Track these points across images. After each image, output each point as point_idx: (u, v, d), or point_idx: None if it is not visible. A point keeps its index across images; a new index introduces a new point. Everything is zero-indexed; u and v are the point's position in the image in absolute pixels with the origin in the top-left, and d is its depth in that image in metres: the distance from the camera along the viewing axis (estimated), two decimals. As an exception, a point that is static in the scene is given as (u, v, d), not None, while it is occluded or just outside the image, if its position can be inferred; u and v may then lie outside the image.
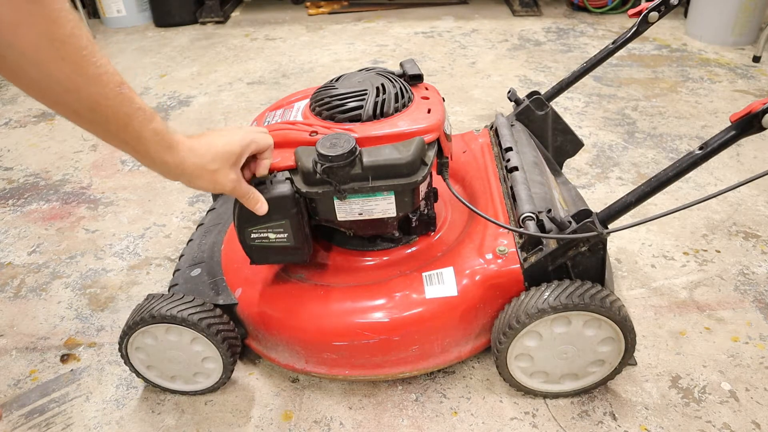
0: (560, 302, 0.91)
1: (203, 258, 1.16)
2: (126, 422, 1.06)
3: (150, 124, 0.67)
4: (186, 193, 1.72)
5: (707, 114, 2.08)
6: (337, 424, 1.04)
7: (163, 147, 0.70)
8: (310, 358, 1.04)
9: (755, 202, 1.60)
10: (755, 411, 1.04)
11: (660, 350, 1.16)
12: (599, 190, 1.67)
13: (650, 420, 1.03)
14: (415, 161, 0.90)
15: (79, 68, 0.59)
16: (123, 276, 1.41)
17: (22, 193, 1.77)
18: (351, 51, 2.80)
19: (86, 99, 0.61)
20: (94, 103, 0.62)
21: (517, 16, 3.20)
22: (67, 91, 0.60)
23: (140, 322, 0.98)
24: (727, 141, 0.81)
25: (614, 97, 2.23)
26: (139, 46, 3.00)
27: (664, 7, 1.23)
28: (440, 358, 1.05)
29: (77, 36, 0.58)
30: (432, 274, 1.01)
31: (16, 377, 1.16)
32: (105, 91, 0.62)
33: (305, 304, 1.02)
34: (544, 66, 2.54)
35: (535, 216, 1.00)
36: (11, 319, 1.30)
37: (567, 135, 1.40)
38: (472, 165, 1.26)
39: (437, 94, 1.05)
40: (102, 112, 0.63)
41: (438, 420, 1.04)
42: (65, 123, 2.18)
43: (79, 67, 0.59)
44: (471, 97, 2.26)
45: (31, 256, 1.50)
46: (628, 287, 1.32)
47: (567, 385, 1.05)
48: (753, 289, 1.30)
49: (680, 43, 2.74)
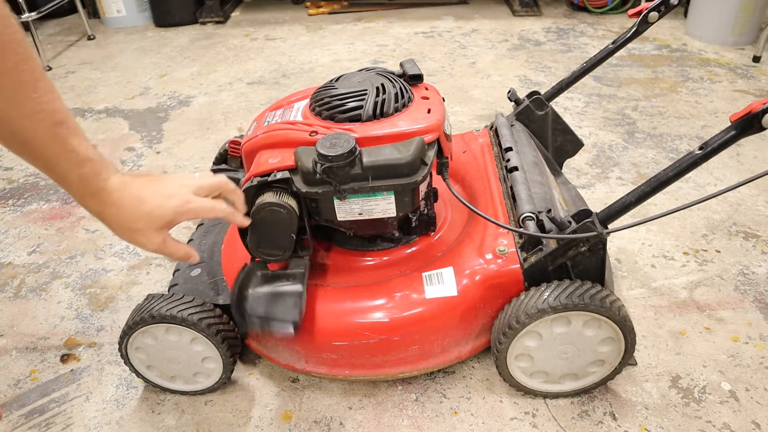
0: (560, 302, 0.91)
1: (203, 258, 1.16)
2: (126, 422, 1.06)
3: (78, 170, 0.65)
4: (186, 193, 1.72)
5: (707, 114, 2.08)
6: (337, 424, 1.04)
7: (87, 193, 0.67)
8: (310, 358, 1.04)
9: (755, 202, 1.60)
10: (755, 411, 1.04)
11: (660, 350, 1.16)
12: (599, 190, 1.67)
13: (650, 420, 1.03)
14: (415, 161, 0.90)
15: (15, 102, 0.58)
16: (123, 276, 1.41)
17: (22, 193, 1.77)
18: (351, 51, 2.80)
19: (17, 132, 0.60)
20: (25, 138, 0.60)
21: (517, 16, 3.20)
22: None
23: (140, 322, 0.98)
24: (727, 141, 0.81)
25: (614, 97, 2.23)
26: (139, 46, 3.00)
27: (664, 7, 1.23)
28: (440, 358, 1.05)
29: (21, 70, 0.57)
30: (432, 274, 1.01)
31: (16, 377, 1.16)
32: (38, 128, 0.60)
33: (305, 304, 1.02)
34: (544, 66, 2.54)
35: (535, 216, 1.00)
36: (11, 319, 1.30)
37: (567, 135, 1.40)
38: (472, 165, 1.26)
39: (437, 94, 1.05)
40: (30, 148, 0.62)
41: (438, 420, 1.04)
42: (65, 123, 2.18)
43: (15, 101, 0.58)
44: (471, 97, 2.26)
45: (31, 256, 1.50)
46: (628, 287, 1.32)
47: (567, 385, 1.05)
48: (753, 289, 1.30)
49: (680, 43, 2.74)
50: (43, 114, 0.60)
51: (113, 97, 2.39)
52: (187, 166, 1.86)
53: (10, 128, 0.60)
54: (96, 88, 2.48)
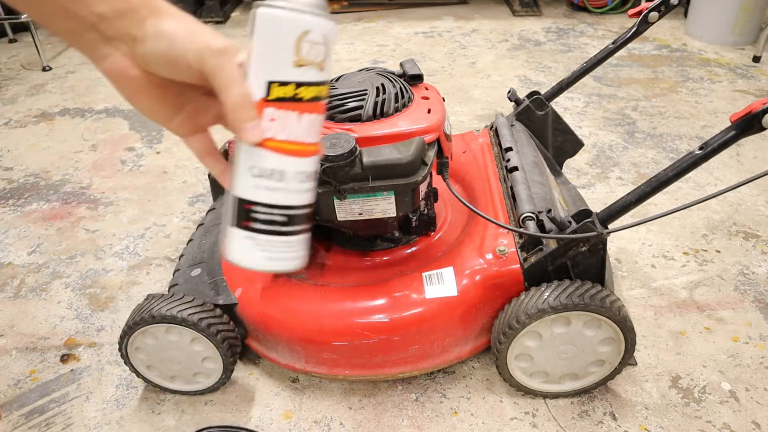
0: (560, 302, 0.91)
1: (203, 258, 1.16)
2: (126, 422, 1.06)
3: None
4: (186, 193, 1.73)
5: (707, 114, 2.08)
6: (337, 424, 1.04)
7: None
8: (310, 358, 1.04)
9: (755, 202, 1.60)
10: (755, 411, 1.04)
11: (660, 350, 1.16)
12: (599, 190, 1.67)
13: (650, 420, 1.03)
14: (415, 161, 0.90)
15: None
16: (123, 276, 1.41)
17: (22, 193, 1.77)
18: (351, 51, 2.80)
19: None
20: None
21: (517, 16, 3.20)
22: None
23: (140, 322, 0.98)
24: (727, 141, 0.81)
25: (614, 97, 2.23)
26: (139, 46, 2.99)
27: (664, 7, 1.23)
28: (440, 358, 1.05)
29: None
30: (432, 274, 1.01)
31: (16, 377, 1.16)
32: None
33: (305, 304, 1.02)
34: (544, 66, 2.54)
35: (535, 216, 1.00)
36: (11, 319, 1.30)
37: (567, 135, 1.40)
38: (472, 165, 1.26)
39: (437, 94, 1.05)
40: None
41: (438, 420, 1.04)
42: (65, 123, 2.18)
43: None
44: (471, 97, 2.26)
45: (31, 256, 1.50)
46: (628, 287, 1.32)
47: (567, 385, 1.05)
48: (753, 289, 1.30)
49: (680, 43, 2.74)
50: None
51: (113, 97, 2.39)
52: (187, 166, 1.86)
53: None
54: (96, 88, 2.48)
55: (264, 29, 0.45)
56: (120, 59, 0.46)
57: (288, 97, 0.46)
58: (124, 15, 0.44)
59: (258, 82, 0.46)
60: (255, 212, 0.49)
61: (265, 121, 0.46)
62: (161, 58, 0.45)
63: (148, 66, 0.46)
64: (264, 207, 0.49)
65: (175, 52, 0.45)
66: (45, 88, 2.48)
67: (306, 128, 0.48)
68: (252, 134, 0.46)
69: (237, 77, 0.45)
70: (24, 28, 3.01)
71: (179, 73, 0.46)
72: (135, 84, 0.47)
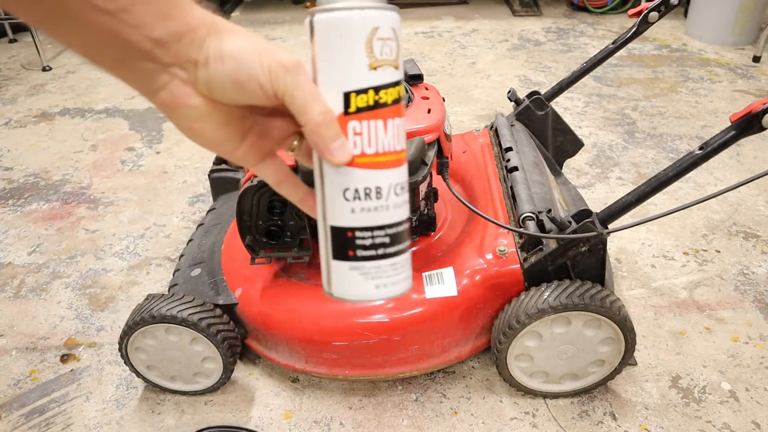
0: (560, 302, 0.91)
1: (203, 258, 1.16)
2: (126, 422, 1.06)
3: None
4: (186, 193, 1.72)
5: (707, 114, 2.08)
6: (337, 424, 1.04)
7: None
8: (310, 358, 1.04)
9: (755, 202, 1.60)
10: (755, 411, 1.04)
11: (660, 350, 1.16)
12: (599, 190, 1.67)
13: (650, 420, 1.03)
14: (415, 161, 0.90)
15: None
16: (123, 276, 1.41)
17: (22, 193, 1.77)
18: (351, 51, 2.80)
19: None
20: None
21: (517, 16, 3.20)
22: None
23: (140, 322, 0.98)
24: (727, 141, 0.81)
25: (614, 97, 2.23)
26: (139, 46, 2.99)
27: (664, 7, 1.23)
28: (440, 358, 1.05)
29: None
30: (432, 274, 1.01)
31: (16, 377, 1.16)
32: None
33: (305, 304, 1.02)
34: (544, 66, 2.54)
35: (535, 216, 1.00)
36: (11, 319, 1.30)
37: (567, 135, 1.40)
38: (472, 165, 1.26)
39: (437, 94, 1.05)
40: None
41: (438, 420, 1.04)
42: (65, 123, 2.18)
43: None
44: (471, 97, 2.26)
45: (31, 256, 1.50)
46: (628, 287, 1.32)
47: (567, 385, 1.05)
48: (753, 289, 1.30)
49: (680, 43, 2.74)
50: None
51: (113, 97, 2.39)
52: (187, 166, 1.86)
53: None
54: (96, 88, 2.48)
55: (328, 36, 0.42)
56: (178, 87, 0.41)
57: (369, 105, 0.42)
58: (183, 37, 0.39)
59: (332, 96, 0.41)
60: (357, 239, 0.44)
61: (350, 136, 0.42)
62: (227, 81, 0.41)
63: (211, 91, 0.41)
64: (366, 231, 0.43)
65: (243, 72, 0.40)
66: (45, 88, 2.48)
67: (393, 135, 0.43)
68: (340, 154, 0.41)
69: (316, 94, 0.41)
70: (24, 28, 3.01)
71: (247, 96, 0.41)
72: (196, 113, 0.42)
